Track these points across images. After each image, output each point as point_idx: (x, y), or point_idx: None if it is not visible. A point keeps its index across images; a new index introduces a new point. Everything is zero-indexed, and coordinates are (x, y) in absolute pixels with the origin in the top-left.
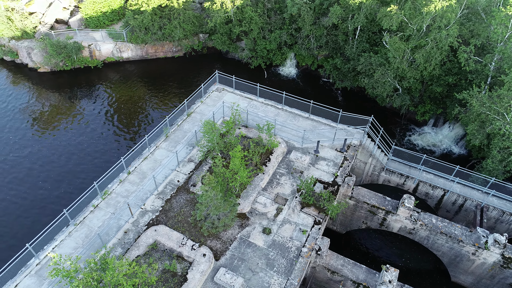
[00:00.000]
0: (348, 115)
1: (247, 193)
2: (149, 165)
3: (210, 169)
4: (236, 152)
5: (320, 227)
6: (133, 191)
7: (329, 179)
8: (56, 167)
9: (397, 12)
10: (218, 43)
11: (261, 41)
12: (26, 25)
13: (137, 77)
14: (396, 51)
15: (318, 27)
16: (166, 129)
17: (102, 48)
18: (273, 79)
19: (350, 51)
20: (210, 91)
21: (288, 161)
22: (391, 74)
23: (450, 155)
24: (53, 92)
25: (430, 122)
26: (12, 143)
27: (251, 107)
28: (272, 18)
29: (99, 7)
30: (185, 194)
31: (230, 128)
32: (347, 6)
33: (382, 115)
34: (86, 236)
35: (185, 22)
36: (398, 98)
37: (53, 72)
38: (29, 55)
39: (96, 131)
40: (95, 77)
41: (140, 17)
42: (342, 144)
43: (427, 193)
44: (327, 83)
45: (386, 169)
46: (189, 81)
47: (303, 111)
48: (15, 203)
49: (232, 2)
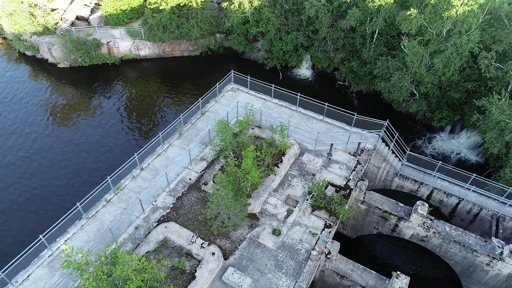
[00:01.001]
0: (362, 119)
1: (258, 193)
2: (162, 162)
3: (222, 168)
4: (249, 152)
5: (330, 231)
6: (145, 187)
7: (341, 183)
8: (71, 161)
9: (417, 16)
10: (235, 43)
11: (277, 42)
12: (48, 21)
13: (153, 75)
14: (414, 56)
15: (335, 29)
16: (180, 127)
17: (120, 45)
18: (288, 80)
19: (367, 55)
20: (225, 91)
21: (300, 163)
22: (408, 79)
23: (466, 163)
24: (71, 88)
25: (447, 129)
26: (29, 136)
27: (265, 108)
28: (289, 20)
29: (119, 5)
30: (196, 192)
31: (243, 128)
32: (366, 9)
33: (398, 120)
34: (98, 230)
35: (203, 22)
36: (414, 103)
37: (72, 67)
38: (49, 51)
39: (111, 127)
40: (112, 74)
41: (158, 16)
42: (355, 147)
43: (441, 200)
44: (342, 86)
45: (399, 174)
46: (204, 80)
47: (317, 113)
48: (31, 196)
49: (250, 3)
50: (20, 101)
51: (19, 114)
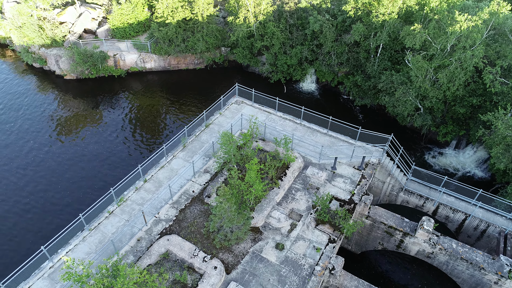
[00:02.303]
0: (367, 133)
1: (261, 207)
2: (166, 174)
3: (225, 180)
4: (252, 165)
5: (334, 246)
6: (148, 199)
7: (345, 197)
8: (75, 172)
9: (421, 31)
10: (240, 57)
11: (282, 56)
12: (56, 34)
13: (159, 87)
14: (418, 70)
15: (339, 44)
16: (184, 139)
17: (126, 58)
18: (293, 94)
19: (372, 69)
20: (229, 103)
21: (304, 176)
22: (413, 93)
23: (472, 178)
24: (77, 99)
25: (452, 144)
26: (33, 146)
27: (269, 121)
28: (293, 34)
29: (126, 18)
30: (199, 205)
31: (247, 140)
32: (370, 24)
33: (402, 134)
34: (99, 241)
35: (208, 36)
36: (419, 117)
37: (78, 79)
38: (57, 63)
39: (116, 138)
40: (118, 86)
41: (164, 29)
42: (360, 161)
43: (447, 216)
44: (346, 100)
45: (405, 189)
46: (209, 93)
47: (322, 126)
48: (34, 206)
49: (255, 17)
50: (26, 112)
51: (24, 125)
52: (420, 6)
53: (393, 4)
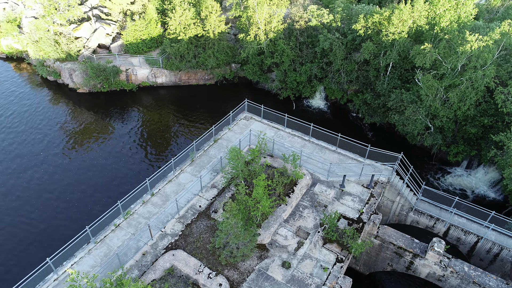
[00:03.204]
0: (376, 151)
1: (268, 223)
2: (173, 188)
3: (232, 196)
4: (260, 181)
5: (342, 266)
6: (155, 213)
7: (354, 216)
8: (84, 184)
9: (431, 50)
10: (249, 73)
11: (291, 73)
12: (71, 48)
13: (169, 102)
14: (428, 89)
15: (349, 62)
16: (192, 153)
17: (138, 73)
18: (302, 110)
19: (381, 87)
20: (238, 119)
21: (312, 193)
22: (423, 112)
23: (484, 200)
24: (89, 112)
25: (463, 164)
26: (45, 158)
27: (278, 137)
28: (303, 52)
29: (140, 34)
30: (206, 220)
31: (255, 156)
32: (380, 43)
33: (412, 153)
34: (105, 255)
35: (219, 52)
36: (429, 136)
37: (90, 93)
38: (70, 76)
39: (125, 151)
40: (129, 100)
41: (176, 45)
42: (369, 180)
43: (458, 238)
44: (356, 117)
45: (414, 209)
46: (218, 109)
47: (330, 144)
48: (41, 217)
49: (266, 35)
50: (39, 124)
51: (37, 136)
52: (430, 26)
53: (403, 23)
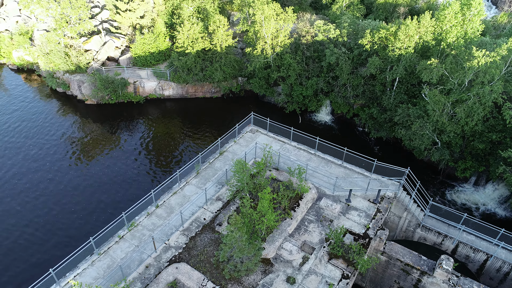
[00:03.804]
0: (383, 165)
1: (273, 237)
2: (178, 200)
3: (237, 209)
4: (265, 194)
5: (348, 282)
6: (159, 225)
7: (360, 231)
8: (89, 195)
9: (438, 65)
10: (256, 87)
11: (297, 87)
12: (81, 60)
13: (176, 114)
14: (435, 104)
15: (355, 76)
16: (197, 165)
17: (146, 85)
18: (307, 124)
19: (387, 102)
20: (244, 132)
21: (317, 208)
22: (430, 127)
23: (494, 217)
24: (96, 123)
25: (471, 180)
26: (50, 168)
27: (284, 150)
28: (310, 66)
29: (148, 48)
30: (210, 233)
31: (261, 169)
32: (386, 58)
33: (419, 168)
34: (108, 267)
35: (226, 65)
36: (436, 152)
37: (98, 104)
38: (79, 88)
39: (131, 163)
40: (136, 112)
41: (184, 59)
42: (375, 194)
43: (467, 256)
44: (362, 132)
45: (422, 225)
46: (224, 121)
47: (336, 158)
48: (45, 227)
49: (272, 49)
50: (46, 134)
51: (44, 146)
52: (437, 41)
53: (409, 39)
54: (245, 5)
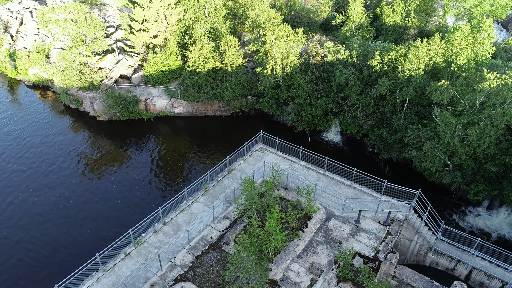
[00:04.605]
0: (393, 187)
1: (280, 258)
2: (185, 217)
3: (244, 228)
4: (273, 213)
5: None
6: (166, 243)
7: (369, 254)
8: (96, 210)
9: (448, 87)
10: (265, 106)
11: (307, 107)
12: (94, 78)
13: (185, 132)
14: (446, 126)
15: (365, 97)
16: (206, 183)
17: (157, 103)
18: (316, 144)
19: (398, 123)
20: (252, 150)
21: (326, 229)
22: (441, 149)
23: (509, 242)
24: (107, 140)
25: (485, 204)
26: (59, 183)
27: (292, 170)
28: (319, 86)
29: (160, 66)
30: (217, 252)
31: (269, 188)
32: (396, 79)
33: (430, 190)
34: (113, 284)
35: (236, 85)
36: (448, 174)
37: (110, 121)
38: (91, 105)
39: (139, 179)
40: (146, 129)
41: (195, 77)
42: (385, 216)
43: (482, 282)
44: (371, 152)
45: (434, 249)
46: (233, 140)
47: (346, 178)
48: (52, 242)
49: (282, 69)
50: (57, 149)
51: (54, 161)
52: (447, 63)
53: (419, 60)
54: (256, 26)
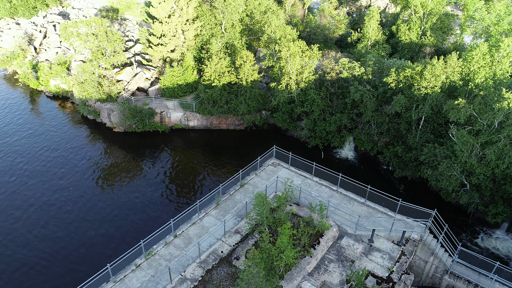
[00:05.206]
0: (408, 206)
1: (291, 275)
2: (196, 231)
3: (255, 243)
4: (285, 229)
5: None
6: (176, 256)
7: (383, 274)
8: (109, 221)
9: (466, 106)
10: (279, 121)
11: (321, 123)
12: (112, 90)
13: (199, 145)
14: (463, 145)
15: (380, 114)
16: (218, 196)
17: (172, 115)
18: (330, 160)
19: (413, 140)
20: (265, 165)
21: (338, 247)
22: (458, 168)
23: None
24: (122, 151)
25: (504, 226)
26: (73, 193)
27: (305, 185)
28: (334, 102)
29: (176, 80)
30: (227, 267)
31: (281, 203)
32: (412, 96)
33: (447, 210)
34: None
35: (251, 99)
36: (465, 194)
37: (125, 132)
38: (108, 116)
39: (152, 191)
40: (161, 141)
41: (210, 91)
42: (400, 236)
43: None
44: (386, 170)
45: (450, 272)
46: (246, 154)
47: (359, 195)
48: (64, 252)
49: (297, 84)
50: (73, 159)
51: (70, 171)
52: (465, 81)
53: (436, 78)
54: (271, 42)
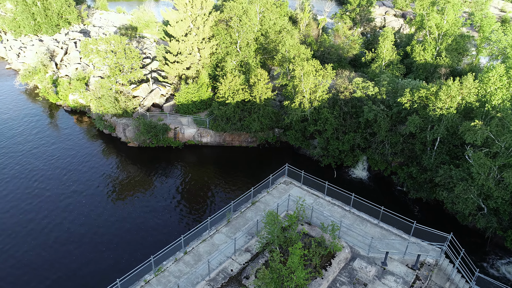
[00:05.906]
0: (423, 228)
1: None
2: (206, 248)
3: (266, 263)
4: (296, 249)
5: None
6: (186, 273)
7: None
8: (119, 235)
9: (482, 127)
10: (292, 139)
11: (334, 141)
12: (128, 105)
13: (211, 161)
14: (480, 167)
15: (394, 134)
16: (229, 214)
17: (186, 131)
18: (343, 179)
19: (428, 162)
20: (277, 183)
21: (351, 269)
22: (475, 191)
23: None
24: (135, 165)
25: None
26: (85, 205)
27: (317, 205)
28: (347, 121)
29: (191, 97)
30: (237, 286)
31: (292, 222)
32: (427, 117)
33: (463, 234)
34: None
35: (264, 117)
36: (482, 218)
37: (139, 147)
38: (124, 131)
39: (163, 206)
40: (174, 157)
41: (224, 108)
42: (414, 260)
43: None
44: (400, 191)
45: None
46: (258, 171)
47: (372, 216)
48: (73, 264)
49: (310, 103)
50: (87, 172)
51: (84, 183)
52: (481, 103)
53: (451, 99)
54: (285, 61)
